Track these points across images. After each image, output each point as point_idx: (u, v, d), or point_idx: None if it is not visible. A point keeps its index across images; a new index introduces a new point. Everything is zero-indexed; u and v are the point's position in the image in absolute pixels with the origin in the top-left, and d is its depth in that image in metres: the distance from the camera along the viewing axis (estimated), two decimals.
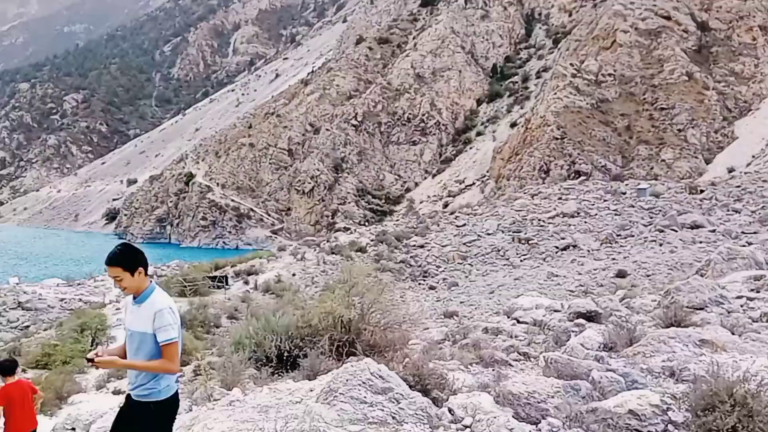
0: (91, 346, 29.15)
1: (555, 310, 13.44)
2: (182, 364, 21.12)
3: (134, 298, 4.10)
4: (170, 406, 4.13)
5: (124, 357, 4.12)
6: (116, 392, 18.07)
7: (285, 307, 15.20)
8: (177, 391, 4.21)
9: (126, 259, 4.00)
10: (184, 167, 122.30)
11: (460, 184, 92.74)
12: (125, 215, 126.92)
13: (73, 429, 7.97)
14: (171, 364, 3.99)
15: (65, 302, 44.80)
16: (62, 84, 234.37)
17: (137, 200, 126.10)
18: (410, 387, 5.42)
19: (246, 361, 9.46)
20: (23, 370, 23.57)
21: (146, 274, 4.07)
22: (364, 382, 4.95)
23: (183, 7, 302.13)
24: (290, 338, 10.41)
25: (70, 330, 28.72)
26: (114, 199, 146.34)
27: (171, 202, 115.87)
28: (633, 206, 49.58)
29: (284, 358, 10.23)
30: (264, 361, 10.09)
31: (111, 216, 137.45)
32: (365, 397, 4.83)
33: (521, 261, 42.13)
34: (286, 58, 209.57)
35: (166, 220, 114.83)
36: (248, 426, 4.67)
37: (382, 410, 4.72)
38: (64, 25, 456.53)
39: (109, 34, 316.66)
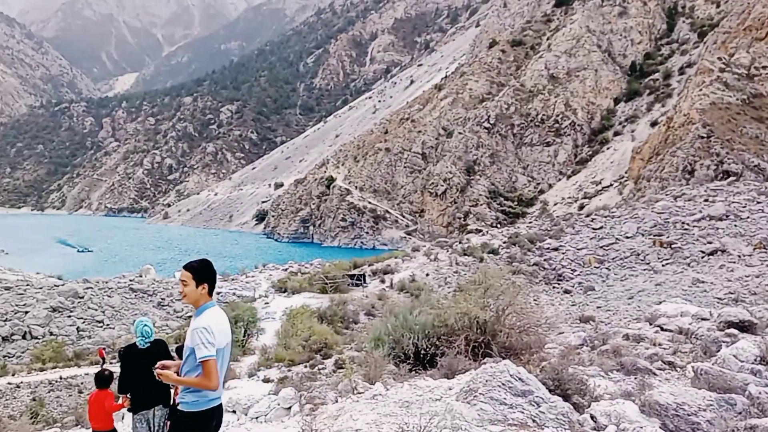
0: (243, 336, 30.99)
1: (702, 318, 12.47)
2: (324, 357, 21.88)
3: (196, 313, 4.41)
4: (195, 418, 4.28)
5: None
6: (266, 380, 19.05)
7: (421, 307, 15.32)
8: (211, 408, 4.31)
9: (198, 270, 4.32)
10: (325, 171, 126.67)
11: (597, 185, 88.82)
12: (273, 216, 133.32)
13: (234, 411, 8.52)
14: (206, 381, 4.15)
15: (221, 295, 47.82)
16: (219, 97, 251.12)
17: (283, 202, 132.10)
18: (550, 391, 5.25)
19: (385, 357, 9.61)
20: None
21: (209, 294, 4.33)
22: (503, 384, 4.85)
23: (324, 20, 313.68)
24: (427, 337, 10.46)
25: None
26: (263, 202, 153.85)
27: (313, 204, 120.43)
28: None
29: (421, 355, 10.29)
30: (402, 357, 10.21)
31: (260, 217, 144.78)
32: (505, 398, 4.73)
33: (663, 266, 39.52)
34: (421, 65, 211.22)
35: (309, 221, 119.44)
36: (391, 420, 4.73)
37: (522, 412, 4.60)
38: (221, 43, 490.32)
39: (259, 49, 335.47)
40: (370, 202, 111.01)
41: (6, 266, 64.07)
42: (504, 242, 55.49)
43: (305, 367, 21.14)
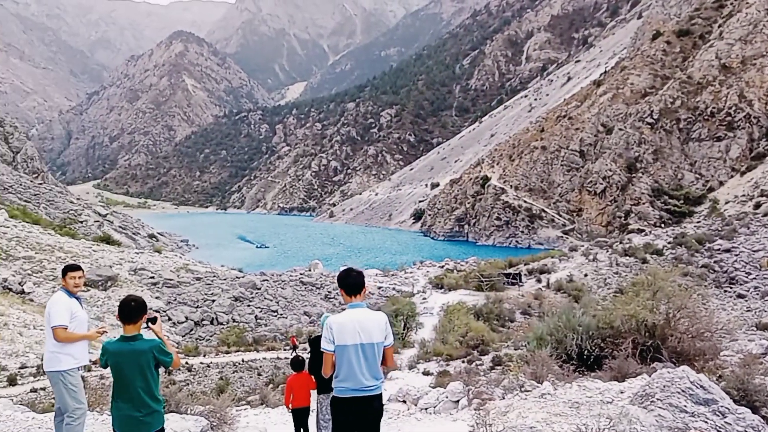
0: (403, 330, 31.69)
1: None
2: (481, 353, 21.88)
3: None
4: (336, 403, 4.78)
5: None
6: (426, 373, 19.34)
7: (583, 308, 14.73)
8: (351, 397, 4.71)
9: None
10: (480, 171, 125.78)
11: None
12: (429, 215, 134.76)
13: (404, 401, 8.78)
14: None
15: (382, 290, 49.25)
16: (379, 101, 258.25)
17: (439, 202, 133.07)
18: (734, 401, 4.82)
19: (549, 357, 9.38)
20: None
21: (347, 295, 4.97)
22: (683, 391, 4.52)
23: (480, 22, 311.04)
24: (591, 338, 10.08)
25: (387, 315, 31.49)
26: (420, 201, 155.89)
27: (468, 203, 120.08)
28: None
29: (584, 356, 9.93)
30: (564, 357, 9.90)
31: (417, 216, 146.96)
32: (685, 406, 4.41)
33: None
34: (578, 61, 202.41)
35: (464, 220, 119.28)
36: (560, 419, 4.60)
37: (706, 422, 4.26)
38: (381, 50, 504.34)
39: (417, 54, 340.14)
40: (525, 201, 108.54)
41: (197, 259, 70.82)
42: (669, 243, 51.95)
43: (462, 362, 21.17)
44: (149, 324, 5.17)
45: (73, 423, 5.93)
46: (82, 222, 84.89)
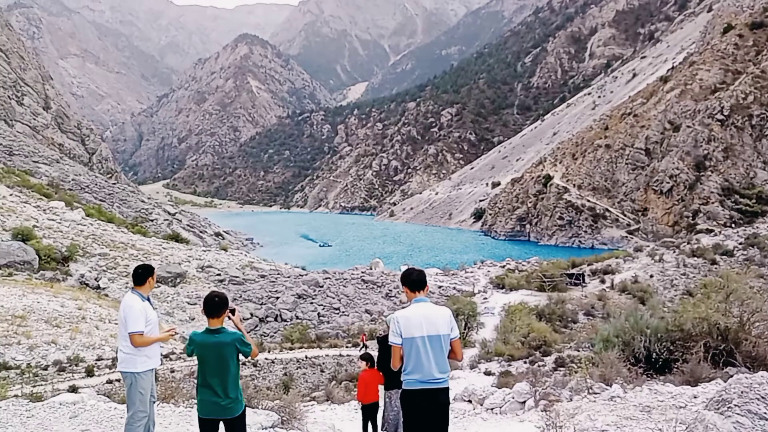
0: (464, 329, 31.51)
1: None
2: (543, 354, 21.49)
3: None
4: (404, 396, 4.94)
5: None
6: (487, 373, 19.18)
7: (651, 309, 14.26)
8: (418, 389, 4.85)
9: (401, 276, 5.35)
10: (542, 170, 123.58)
11: None
12: (490, 214, 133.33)
13: (470, 401, 8.76)
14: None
15: (442, 289, 49.03)
16: (440, 101, 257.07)
17: (500, 201, 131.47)
18: None
19: (617, 360, 9.17)
20: None
21: (411, 291, 5.15)
22: (763, 397, 4.33)
23: (542, 19, 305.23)
24: (659, 341, 9.80)
25: None
26: (480, 200, 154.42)
27: (530, 202, 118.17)
28: None
29: (653, 359, 9.67)
30: (632, 360, 9.66)
31: (478, 215, 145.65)
32: (765, 413, 4.22)
33: None
34: (644, 57, 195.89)
35: (526, 219, 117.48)
36: (632, 423, 4.49)
37: None
38: (441, 49, 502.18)
39: (478, 52, 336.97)
40: (588, 200, 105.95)
41: (261, 257, 72.43)
42: (740, 243, 49.78)
43: (524, 363, 20.89)
44: (229, 315, 5.50)
45: (134, 425, 6.15)
46: (152, 220, 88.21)
